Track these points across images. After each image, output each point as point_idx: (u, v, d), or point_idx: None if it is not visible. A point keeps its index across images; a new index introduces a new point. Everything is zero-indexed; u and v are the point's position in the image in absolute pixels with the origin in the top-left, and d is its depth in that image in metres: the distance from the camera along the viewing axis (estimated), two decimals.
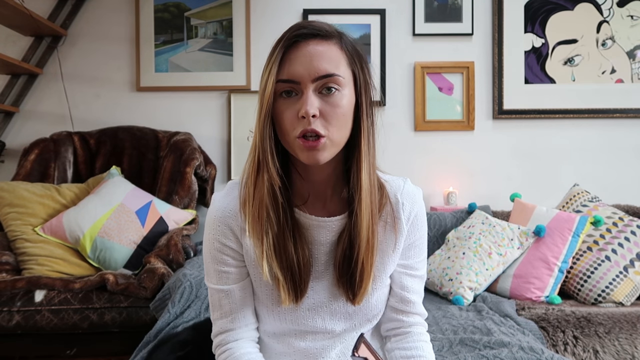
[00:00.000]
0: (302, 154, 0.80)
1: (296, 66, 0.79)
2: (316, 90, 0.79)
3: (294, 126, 0.78)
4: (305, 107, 0.77)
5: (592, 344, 1.62)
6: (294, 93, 0.79)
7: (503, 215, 2.37)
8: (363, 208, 0.83)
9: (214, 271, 0.90)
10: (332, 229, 0.88)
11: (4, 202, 2.11)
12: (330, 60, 0.80)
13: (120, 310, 1.85)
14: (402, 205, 0.90)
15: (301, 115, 0.77)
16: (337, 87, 0.79)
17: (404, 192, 0.91)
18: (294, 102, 0.79)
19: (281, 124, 0.80)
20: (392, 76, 2.72)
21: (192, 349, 1.21)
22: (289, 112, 0.79)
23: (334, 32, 0.83)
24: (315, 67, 0.78)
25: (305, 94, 0.78)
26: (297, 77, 0.78)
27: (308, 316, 0.91)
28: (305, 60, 0.79)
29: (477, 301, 1.90)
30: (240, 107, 2.68)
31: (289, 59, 0.79)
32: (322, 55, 0.79)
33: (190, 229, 2.25)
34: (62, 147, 2.45)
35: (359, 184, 0.83)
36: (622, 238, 2.02)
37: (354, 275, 0.86)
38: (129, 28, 2.72)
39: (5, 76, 2.65)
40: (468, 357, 1.29)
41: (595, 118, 2.71)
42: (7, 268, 1.99)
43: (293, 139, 0.79)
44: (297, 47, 0.80)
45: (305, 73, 0.78)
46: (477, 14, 2.71)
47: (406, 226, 0.90)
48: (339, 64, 0.80)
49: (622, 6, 2.68)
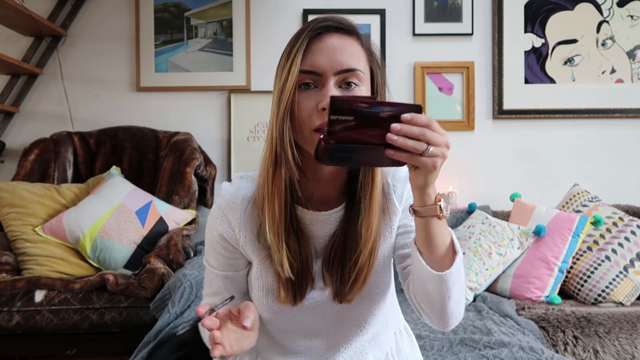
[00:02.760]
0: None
1: (319, 58, 0.78)
2: (337, 84, 0.79)
3: (312, 119, 0.77)
4: (326, 99, 0.75)
5: (592, 344, 1.62)
6: (313, 85, 0.79)
7: (503, 215, 2.37)
8: (374, 205, 0.83)
9: (213, 253, 0.92)
10: (330, 222, 0.88)
11: (4, 202, 2.11)
12: (352, 55, 0.80)
13: (120, 310, 1.85)
14: (393, 187, 0.90)
15: (322, 107, 0.76)
16: (357, 82, 0.80)
17: (395, 176, 0.91)
18: (313, 94, 0.78)
19: (298, 116, 0.78)
20: (392, 76, 2.72)
21: (192, 349, 1.21)
22: (307, 104, 0.78)
23: (355, 29, 0.84)
24: (338, 60, 0.78)
25: (326, 86, 0.78)
26: (320, 69, 0.78)
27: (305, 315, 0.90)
28: (328, 52, 0.78)
29: (477, 301, 1.90)
30: (240, 107, 2.68)
31: (311, 51, 0.79)
32: (344, 50, 0.79)
33: (190, 229, 2.25)
34: (62, 147, 2.45)
35: (372, 183, 0.83)
36: (622, 238, 2.02)
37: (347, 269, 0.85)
38: (129, 28, 2.72)
39: (5, 76, 2.65)
40: (468, 357, 1.29)
41: (595, 118, 2.71)
42: (7, 268, 1.99)
43: (310, 132, 0.78)
44: (320, 39, 0.80)
45: (328, 65, 0.78)
46: (477, 14, 2.71)
47: (399, 205, 0.90)
48: (359, 60, 0.81)
49: (622, 6, 2.68)
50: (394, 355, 0.97)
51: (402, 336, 1.01)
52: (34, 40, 2.67)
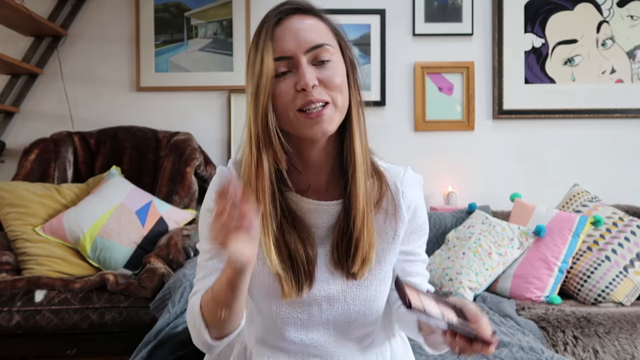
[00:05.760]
0: (306, 129, 0.79)
1: (285, 42, 0.79)
2: (310, 62, 0.79)
3: (295, 101, 0.78)
4: (305, 79, 0.77)
5: (592, 344, 1.62)
6: (288, 72, 0.79)
7: (503, 215, 2.37)
8: (358, 180, 0.82)
9: (207, 236, 0.89)
10: (329, 212, 0.86)
11: (4, 202, 2.11)
12: (316, 31, 0.81)
13: (120, 310, 1.85)
14: (403, 194, 0.88)
15: (301, 88, 0.77)
16: (329, 57, 0.80)
17: (404, 181, 0.89)
18: (289, 77, 0.79)
19: (281, 103, 0.79)
20: (392, 76, 2.72)
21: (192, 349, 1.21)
22: (285, 88, 0.78)
23: (313, 7, 0.84)
24: (304, 39, 0.79)
25: (300, 67, 0.78)
26: (290, 52, 0.78)
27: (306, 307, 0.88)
28: (292, 34, 0.79)
29: (477, 301, 1.90)
30: (240, 107, 2.68)
31: (276, 38, 0.79)
32: (308, 28, 0.80)
33: (191, 229, 2.25)
34: (62, 147, 2.45)
35: (353, 157, 0.83)
36: (622, 238, 2.02)
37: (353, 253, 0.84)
38: (129, 28, 2.72)
39: (6, 76, 2.65)
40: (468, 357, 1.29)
41: (595, 118, 2.71)
42: (7, 268, 1.99)
43: (294, 115, 0.79)
44: (282, 25, 0.80)
45: (296, 46, 0.78)
46: (477, 14, 2.71)
47: (407, 215, 0.89)
48: (324, 35, 0.81)
49: (622, 6, 2.68)
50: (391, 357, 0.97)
51: (396, 341, 1.00)
52: (34, 40, 2.67)
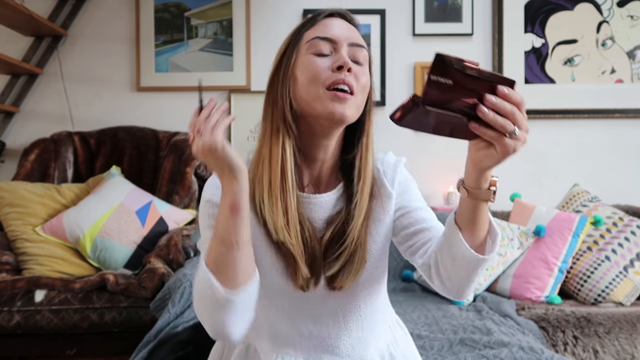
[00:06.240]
0: (330, 105, 0.81)
1: (334, 29, 0.85)
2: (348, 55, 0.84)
3: (327, 78, 0.81)
4: (344, 58, 0.81)
5: (592, 344, 1.62)
6: (326, 56, 0.83)
7: (503, 215, 2.38)
8: (366, 189, 0.87)
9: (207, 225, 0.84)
10: (323, 205, 0.88)
11: (4, 202, 2.12)
12: (359, 37, 0.87)
13: (120, 310, 1.85)
14: (384, 172, 0.93)
15: (338, 66, 0.81)
16: (363, 61, 0.85)
17: (384, 162, 0.94)
18: (327, 59, 0.83)
19: (309, 75, 0.82)
20: (392, 76, 2.72)
21: (192, 349, 1.21)
22: (321, 64, 0.82)
23: (358, 23, 0.91)
24: (351, 35, 0.85)
25: (341, 50, 0.83)
26: (336, 37, 0.84)
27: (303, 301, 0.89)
28: (342, 27, 0.86)
29: (477, 301, 1.90)
30: (241, 107, 2.68)
31: (324, 24, 0.86)
32: (354, 31, 0.87)
33: (191, 229, 2.25)
34: (62, 147, 2.45)
35: (366, 166, 0.87)
36: (622, 238, 2.02)
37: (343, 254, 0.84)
38: (129, 28, 2.72)
39: (6, 76, 2.65)
40: (468, 357, 1.29)
41: (595, 118, 2.71)
42: (7, 268, 1.99)
43: (322, 91, 0.81)
44: (332, 19, 0.87)
45: (343, 36, 0.84)
46: (477, 14, 2.71)
47: (392, 189, 0.91)
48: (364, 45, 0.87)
49: (622, 6, 2.68)
50: (394, 346, 0.97)
51: (396, 329, 1.01)
52: (34, 40, 2.67)
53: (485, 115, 0.60)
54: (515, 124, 0.61)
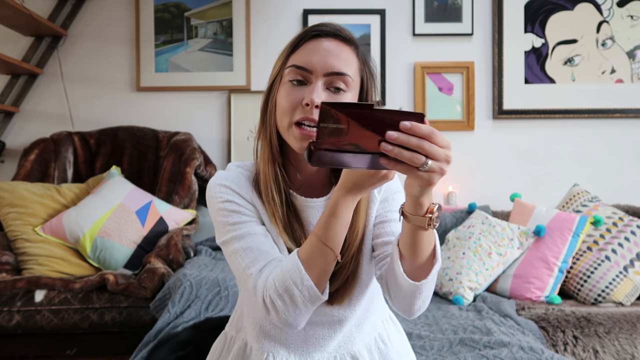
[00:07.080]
0: (295, 142, 0.82)
1: (312, 56, 0.83)
2: (324, 85, 0.83)
3: (294, 112, 0.82)
4: (312, 95, 0.80)
5: (592, 344, 1.62)
6: (302, 82, 0.83)
7: (503, 215, 2.38)
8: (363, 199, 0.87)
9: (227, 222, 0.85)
10: (319, 208, 0.89)
11: (4, 202, 2.11)
12: (344, 60, 0.84)
13: (120, 310, 1.85)
14: None
15: (305, 103, 0.80)
16: (345, 87, 0.83)
17: None
18: (301, 89, 0.83)
19: (282, 107, 0.83)
20: (392, 76, 2.72)
21: (192, 349, 1.21)
22: (293, 96, 0.82)
23: (353, 39, 0.87)
24: (330, 62, 0.82)
25: (314, 84, 0.82)
26: (311, 66, 0.82)
27: None
28: (322, 53, 0.83)
29: (477, 301, 1.90)
30: (240, 107, 2.68)
31: (306, 48, 0.84)
32: (338, 54, 0.83)
33: (191, 229, 2.25)
34: (62, 147, 2.45)
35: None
36: (622, 238, 2.02)
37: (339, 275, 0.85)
38: (129, 28, 2.72)
39: (6, 76, 2.65)
40: (468, 357, 1.29)
41: (595, 118, 2.71)
42: (7, 268, 1.99)
43: (289, 125, 0.82)
44: (317, 41, 0.84)
45: (320, 65, 0.82)
46: (477, 14, 2.71)
47: (378, 195, 0.92)
48: (351, 66, 0.84)
49: (622, 6, 2.68)
50: (384, 341, 0.97)
51: (388, 325, 1.01)
52: (34, 40, 2.67)
53: (389, 151, 0.60)
54: (427, 156, 0.61)
